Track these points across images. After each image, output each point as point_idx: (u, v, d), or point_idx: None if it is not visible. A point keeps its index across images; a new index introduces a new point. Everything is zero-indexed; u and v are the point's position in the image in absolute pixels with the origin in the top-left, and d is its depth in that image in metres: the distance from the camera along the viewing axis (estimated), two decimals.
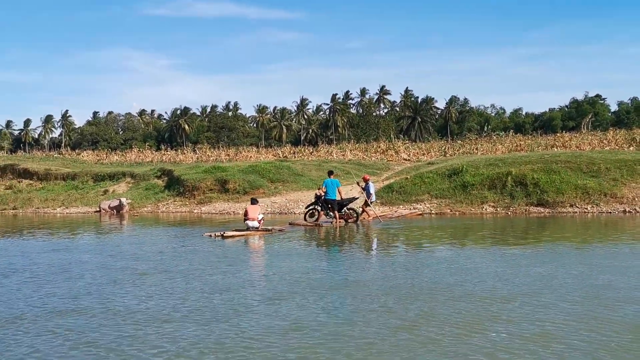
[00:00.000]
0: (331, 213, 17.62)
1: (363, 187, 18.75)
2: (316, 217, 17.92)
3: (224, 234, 15.23)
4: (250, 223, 15.91)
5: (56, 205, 28.59)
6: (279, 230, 16.27)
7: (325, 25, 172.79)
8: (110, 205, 26.16)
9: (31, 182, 33.71)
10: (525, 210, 19.54)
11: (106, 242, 15.84)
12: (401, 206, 21.30)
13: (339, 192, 17.60)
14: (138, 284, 9.32)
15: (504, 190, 20.75)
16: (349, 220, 17.93)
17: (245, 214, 16.29)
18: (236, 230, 16.00)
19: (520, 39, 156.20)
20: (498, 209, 19.97)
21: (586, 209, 19.03)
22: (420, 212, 20.35)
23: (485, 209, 20.13)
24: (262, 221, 16.23)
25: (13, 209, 28.87)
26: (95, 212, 26.48)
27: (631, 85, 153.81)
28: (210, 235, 15.36)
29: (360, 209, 18.68)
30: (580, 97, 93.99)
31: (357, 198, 18.94)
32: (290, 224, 17.95)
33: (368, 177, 19.30)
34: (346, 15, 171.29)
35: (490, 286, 8.44)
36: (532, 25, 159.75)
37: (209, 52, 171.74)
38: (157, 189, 28.76)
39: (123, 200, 26.26)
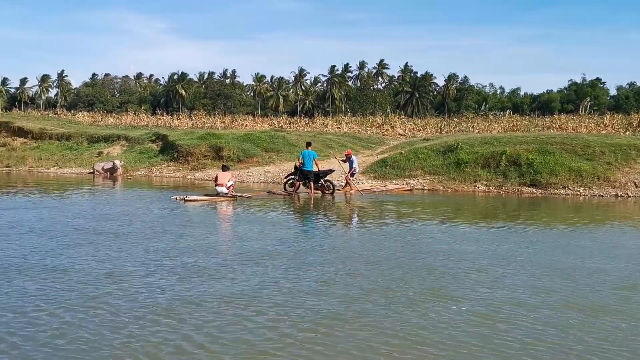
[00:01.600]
0: (308, 184, 17.88)
1: (345, 160, 19.36)
2: (297, 187, 18.21)
3: (186, 198, 15.65)
4: (219, 189, 16.36)
5: (50, 165, 28.51)
6: (247, 197, 16.64)
7: None
8: (104, 167, 26.09)
9: (25, 140, 33.51)
10: (518, 190, 19.62)
11: (85, 203, 15.98)
12: (394, 181, 21.35)
13: (316, 164, 17.95)
14: (83, 246, 9.32)
15: (497, 169, 20.80)
16: (326, 192, 18.21)
17: (216, 179, 16.79)
18: (206, 195, 16.44)
19: (521, 19, 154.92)
20: (490, 188, 20.05)
21: (578, 191, 19.12)
22: (410, 188, 20.42)
23: (478, 187, 20.20)
24: (231, 187, 16.60)
25: (7, 167, 28.79)
26: (89, 173, 26.43)
27: (629, 70, 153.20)
28: (176, 199, 15.73)
29: (344, 182, 19.22)
30: (577, 80, 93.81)
31: (334, 170, 19.30)
32: (268, 192, 18.37)
33: (350, 152, 19.86)
34: None
35: (449, 261, 8.65)
36: (533, 5, 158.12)
37: (206, 18, 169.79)
38: (151, 153, 28.68)
39: (117, 162, 26.18)
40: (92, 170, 26.42)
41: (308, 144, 18.89)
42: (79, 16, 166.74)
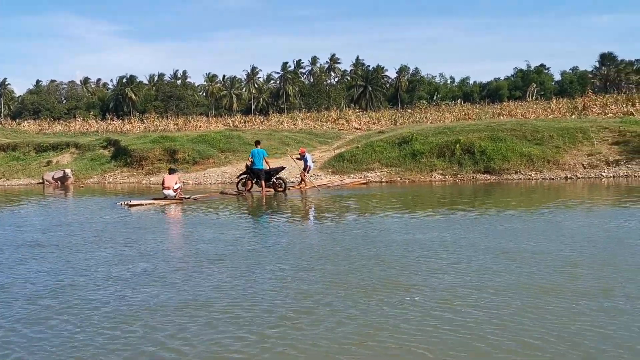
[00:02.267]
0: (260, 182, 17.98)
1: (299, 158, 19.44)
2: (249, 186, 18.29)
3: (130, 203, 15.54)
4: (166, 192, 16.37)
5: None
6: (194, 199, 16.59)
7: None
8: (54, 177, 25.31)
9: None
10: (473, 178, 20.03)
11: (29, 215, 15.40)
12: (352, 175, 21.47)
13: (266, 162, 18.04)
14: (25, 261, 8.88)
15: (452, 158, 21.18)
16: (278, 190, 18.27)
17: (163, 183, 16.69)
18: (154, 200, 16.41)
19: (467, 9, 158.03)
20: (446, 177, 20.40)
21: (530, 175, 19.67)
22: (366, 181, 20.57)
23: (434, 177, 20.52)
24: (178, 190, 16.56)
25: None
26: (38, 183, 25.58)
27: (572, 55, 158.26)
28: (122, 205, 15.58)
29: (299, 178, 19.41)
30: (522, 67, 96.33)
31: (285, 168, 19.52)
32: (221, 192, 18.33)
33: (304, 150, 19.99)
34: None
35: (401, 251, 8.73)
36: None
37: (153, 19, 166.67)
38: (103, 160, 27.95)
39: (67, 171, 25.44)
40: (41, 181, 25.58)
41: (257, 143, 18.90)
42: (19, 21, 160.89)
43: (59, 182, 24.97)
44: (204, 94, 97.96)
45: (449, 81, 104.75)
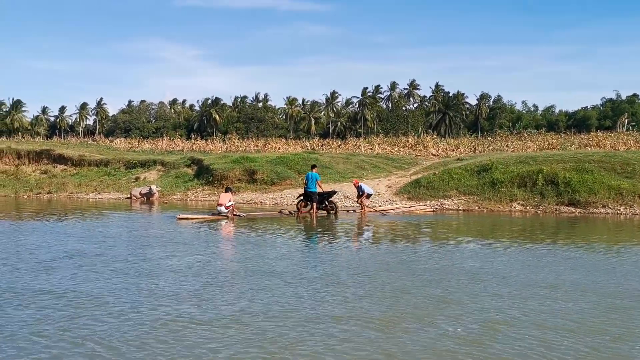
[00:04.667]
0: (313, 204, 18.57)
1: (357, 188, 19.65)
2: (308, 208, 18.86)
3: (179, 217, 17.27)
4: (219, 208, 17.91)
5: (89, 191, 29.24)
6: (239, 216, 17.80)
7: (354, 19, 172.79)
8: (141, 192, 26.64)
9: (66, 167, 34.50)
10: (556, 210, 19.23)
11: (91, 226, 16.29)
12: (428, 201, 21.20)
13: (319, 185, 18.63)
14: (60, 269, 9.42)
15: (534, 188, 20.47)
16: (330, 212, 18.74)
17: (219, 199, 18.26)
18: (213, 214, 17.91)
19: (551, 38, 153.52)
20: (527, 208, 19.71)
21: (619, 210, 18.64)
22: (433, 209, 20.13)
23: (514, 207, 19.88)
24: (230, 207, 17.82)
25: (48, 193, 29.65)
26: (126, 198, 26.99)
27: None
28: (177, 218, 17.26)
29: (358, 203, 19.61)
30: (611, 96, 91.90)
31: (337, 192, 20.15)
32: (279, 212, 19.19)
33: (357, 182, 20.20)
34: (375, 9, 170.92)
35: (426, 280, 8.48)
36: (562, 24, 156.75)
37: (239, 44, 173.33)
38: (186, 178, 29.17)
39: (153, 187, 26.71)
40: (129, 196, 26.99)
41: (313, 167, 19.61)
42: (116, 46, 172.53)
43: (145, 197, 26.26)
44: (284, 117, 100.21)
45: (532, 109, 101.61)
